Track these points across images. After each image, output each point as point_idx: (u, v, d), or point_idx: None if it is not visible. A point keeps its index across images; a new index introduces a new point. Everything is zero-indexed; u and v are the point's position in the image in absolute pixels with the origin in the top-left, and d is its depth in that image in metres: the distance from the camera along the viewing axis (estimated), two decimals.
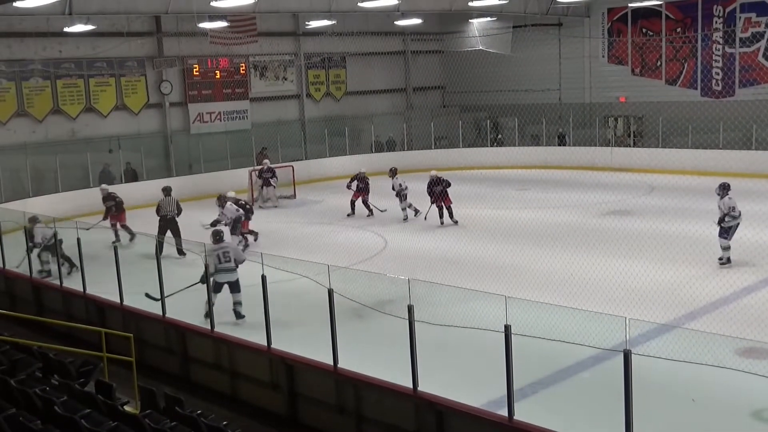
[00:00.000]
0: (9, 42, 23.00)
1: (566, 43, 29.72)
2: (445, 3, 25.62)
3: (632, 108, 28.49)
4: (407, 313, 7.77)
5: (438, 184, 18.53)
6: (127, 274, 12.21)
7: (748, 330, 9.10)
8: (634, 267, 12.94)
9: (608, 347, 6.85)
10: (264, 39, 26.38)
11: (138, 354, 10.30)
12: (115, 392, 8.06)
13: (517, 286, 11.86)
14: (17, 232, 15.48)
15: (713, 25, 26.40)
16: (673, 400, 8.42)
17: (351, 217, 20.23)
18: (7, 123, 23.29)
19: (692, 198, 18.50)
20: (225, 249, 11.81)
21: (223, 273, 11.54)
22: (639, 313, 9.90)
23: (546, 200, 19.86)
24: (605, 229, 16.70)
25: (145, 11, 22.96)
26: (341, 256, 14.17)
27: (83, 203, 22.26)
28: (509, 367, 7.12)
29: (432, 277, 10.68)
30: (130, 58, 25.51)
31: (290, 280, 11.38)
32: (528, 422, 7.14)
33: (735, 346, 7.82)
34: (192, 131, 27.09)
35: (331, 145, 28.53)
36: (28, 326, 12.46)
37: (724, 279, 11.96)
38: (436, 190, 18.58)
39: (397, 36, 31.76)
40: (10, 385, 7.74)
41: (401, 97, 33.28)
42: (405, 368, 7.99)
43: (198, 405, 8.35)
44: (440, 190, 18.51)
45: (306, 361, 9.11)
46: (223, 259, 11.64)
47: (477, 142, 29.71)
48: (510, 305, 7.03)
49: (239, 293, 11.54)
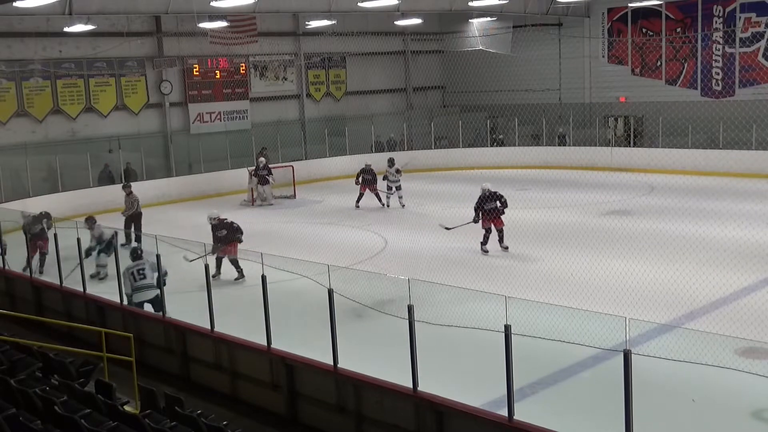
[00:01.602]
0: (9, 42, 23.01)
1: (566, 43, 29.72)
2: (445, 3, 25.62)
3: (632, 108, 28.49)
4: (407, 313, 7.76)
5: (491, 200, 15.46)
6: None
7: (748, 330, 9.09)
8: (634, 267, 12.94)
9: (608, 347, 6.85)
10: (264, 39, 26.39)
11: (138, 354, 10.30)
12: (115, 392, 8.06)
13: (517, 286, 11.86)
14: (17, 232, 15.48)
15: (713, 25, 26.40)
16: (673, 400, 8.43)
17: (358, 209, 20.40)
18: (7, 123, 23.31)
19: (692, 198, 18.54)
20: (140, 266, 11.39)
21: (139, 292, 11.32)
22: (639, 313, 9.91)
23: (546, 200, 19.84)
24: (605, 229, 16.69)
25: (145, 11, 22.96)
26: (341, 256, 14.16)
27: (83, 203, 22.30)
28: (509, 367, 7.12)
29: (432, 277, 10.69)
30: (130, 58, 25.52)
31: (290, 280, 11.38)
32: (528, 422, 7.13)
33: (735, 346, 7.81)
34: (192, 131, 27.10)
35: (331, 145, 28.54)
36: (28, 326, 12.45)
37: (724, 279, 11.95)
38: (488, 207, 15.41)
39: (397, 36, 31.77)
40: (10, 385, 7.74)
41: (401, 97, 33.29)
42: (405, 368, 7.99)
43: (198, 405, 8.34)
44: (493, 208, 15.40)
45: (306, 361, 9.11)
46: (138, 276, 11.28)
47: (477, 142, 29.70)
48: (510, 305, 7.03)
49: (164, 312, 11.06)
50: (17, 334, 10.99)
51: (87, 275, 13.03)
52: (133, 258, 11.63)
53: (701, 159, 23.11)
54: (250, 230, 19.37)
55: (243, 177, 24.43)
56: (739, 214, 16.29)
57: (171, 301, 11.32)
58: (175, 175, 25.71)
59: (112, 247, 13.15)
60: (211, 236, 14.59)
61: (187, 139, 26.77)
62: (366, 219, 19.88)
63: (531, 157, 26.92)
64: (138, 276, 11.36)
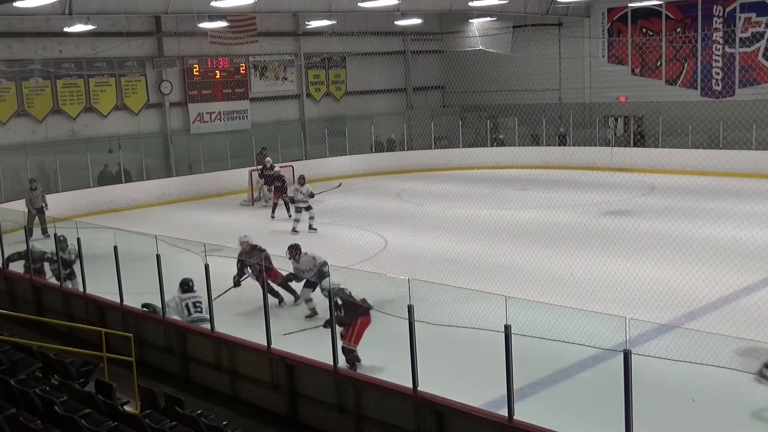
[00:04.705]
0: (9, 42, 23.01)
1: (566, 43, 29.72)
2: (445, 3, 25.61)
3: (632, 108, 28.49)
4: (407, 313, 7.76)
5: None
6: (127, 273, 12.17)
7: (748, 330, 9.09)
8: (634, 267, 12.95)
9: (608, 347, 6.85)
10: (264, 39, 26.40)
11: (138, 354, 10.30)
12: (115, 392, 8.05)
13: (517, 286, 11.85)
14: (18, 232, 15.48)
15: (713, 25, 26.40)
16: (673, 400, 8.43)
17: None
18: (7, 123, 23.30)
19: (692, 198, 18.54)
20: (196, 298, 10.85)
21: (192, 323, 10.80)
22: (639, 313, 9.92)
23: (546, 200, 19.85)
24: (605, 229, 16.69)
25: (145, 11, 22.94)
26: (341, 256, 14.16)
27: (83, 203, 22.32)
28: (509, 367, 7.11)
29: (432, 277, 10.68)
30: (130, 58, 25.52)
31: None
32: (528, 422, 7.13)
33: (735, 346, 7.82)
34: (192, 131, 27.09)
35: (331, 145, 28.54)
36: (28, 326, 12.45)
37: (724, 279, 11.95)
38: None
39: (397, 36, 31.77)
40: (10, 385, 7.74)
41: (401, 97, 33.29)
42: (405, 368, 7.99)
43: (198, 405, 8.34)
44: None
45: (306, 361, 9.10)
46: (193, 309, 10.76)
47: (477, 142, 29.71)
48: (510, 305, 7.03)
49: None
50: (17, 334, 10.98)
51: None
52: (183, 290, 11.04)
53: (701, 159, 23.09)
54: (251, 230, 19.42)
55: (243, 177, 24.43)
56: (739, 214, 16.29)
57: None
58: (175, 175, 25.71)
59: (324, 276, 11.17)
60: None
61: (187, 139, 26.76)
62: (366, 219, 19.87)
63: (531, 157, 26.93)
64: (194, 309, 10.80)
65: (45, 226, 18.86)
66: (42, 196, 19.87)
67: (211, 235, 16.43)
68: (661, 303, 11.37)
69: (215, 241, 14.49)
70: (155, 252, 10.88)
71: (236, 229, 19.37)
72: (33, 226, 18.28)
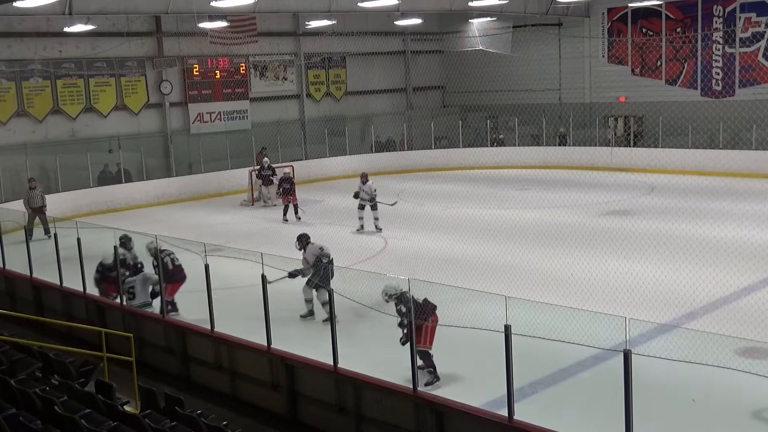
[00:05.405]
0: (9, 42, 23.00)
1: (566, 43, 29.72)
2: (445, 3, 25.61)
3: (632, 108, 28.49)
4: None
5: None
6: None
7: (748, 330, 9.09)
8: (634, 267, 12.95)
9: (608, 347, 6.85)
10: (264, 39, 26.38)
11: (138, 354, 10.30)
12: (115, 392, 8.06)
13: (517, 286, 11.85)
14: (18, 232, 15.48)
15: (713, 25, 26.40)
16: (673, 400, 8.43)
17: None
18: (7, 123, 23.30)
19: (692, 198, 18.53)
20: (130, 285, 11.60)
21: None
22: (639, 313, 9.92)
23: (546, 200, 19.85)
24: (605, 229, 16.69)
25: (145, 11, 22.94)
26: (341, 256, 14.16)
27: (83, 203, 22.32)
28: (509, 367, 7.12)
29: (432, 277, 10.67)
30: (130, 58, 25.51)
31: (290, 279, 11.37)
32: (528, 422, 7.13)
33: (735, 346, 7.80)
34: (192, 131, 27.09)
35: (331, 145, 28.53)
36: (28, 326, 12.46)
37: (724, 279, 11.95)
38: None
39: (397, 36, 31.77)
40: (10, 385, 7.74)
41: (401, 97, 33.29)
42: (405, 368, 7.99)
43: (198, 405, 8.35)
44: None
45: (306, 361, 9.11)
46: (127, 296, 11.51)
47: (477, 142, 29.71)
48: (510, 305, 7.03)
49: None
50: (17, 334, 10.99)
51: None
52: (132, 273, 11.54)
53: (701, 159, 23.09)
54: (251, 230, 19.46)
55: (243, 177, 24.43)
56: (739, 214, 16.30)
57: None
58: (175, 175, 25.71)
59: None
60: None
61: (187, 139, 26.76)
62: (366, 219, 19.85)
63: (531, 157, 26.93)
64: (128, 295, 11.32)
65: (47, 226, 18.78)
66: (41, 196, 19.86)
67: (211, 235, 16.43)
68: (661, 303, 11.36)
69: (215, 241, 14.51)
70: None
71: (236, 229, 19.45)
72: (33, 226, 18.25)
